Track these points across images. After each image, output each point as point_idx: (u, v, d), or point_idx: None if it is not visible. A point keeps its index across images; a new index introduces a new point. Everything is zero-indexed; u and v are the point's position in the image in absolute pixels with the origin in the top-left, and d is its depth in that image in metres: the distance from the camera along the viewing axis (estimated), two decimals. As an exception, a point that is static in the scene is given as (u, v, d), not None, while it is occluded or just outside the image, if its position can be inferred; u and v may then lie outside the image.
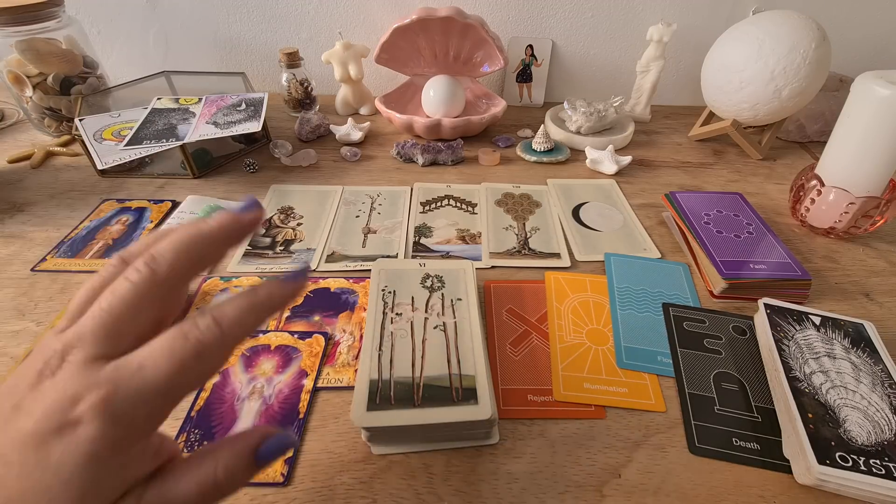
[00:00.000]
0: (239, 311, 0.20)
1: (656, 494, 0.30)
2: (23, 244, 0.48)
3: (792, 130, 0.73)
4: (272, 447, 0.19)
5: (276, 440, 0.20)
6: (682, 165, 0.67)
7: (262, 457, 0.19)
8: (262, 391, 0.35)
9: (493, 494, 0.30)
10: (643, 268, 0.47)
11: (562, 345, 0.40)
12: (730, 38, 0.63)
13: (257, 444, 0.19)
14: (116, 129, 0.59)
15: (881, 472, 0.29)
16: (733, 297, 0.44)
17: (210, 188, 0.58)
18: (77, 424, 0.17)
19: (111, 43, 0.78)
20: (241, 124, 0.58)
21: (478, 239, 0.51)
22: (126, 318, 0.19)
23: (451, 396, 0.32)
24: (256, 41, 0.79)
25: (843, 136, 0.50)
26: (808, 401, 0.33)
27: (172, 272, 0.20)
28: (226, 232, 0.21)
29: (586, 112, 0.67)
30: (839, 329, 0.39)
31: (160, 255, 0.20)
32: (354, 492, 0.30)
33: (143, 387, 0.18)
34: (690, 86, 0.82)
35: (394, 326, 0.36)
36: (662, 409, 0.35)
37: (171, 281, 0.20)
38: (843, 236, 0.53)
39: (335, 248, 0.49)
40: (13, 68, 0.61)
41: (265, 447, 0.19)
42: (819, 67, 0.58)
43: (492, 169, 0.64)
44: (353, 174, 0.62)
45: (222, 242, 0.21)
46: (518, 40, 0.78)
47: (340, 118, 0.75)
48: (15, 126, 0.70)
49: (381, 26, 0.77)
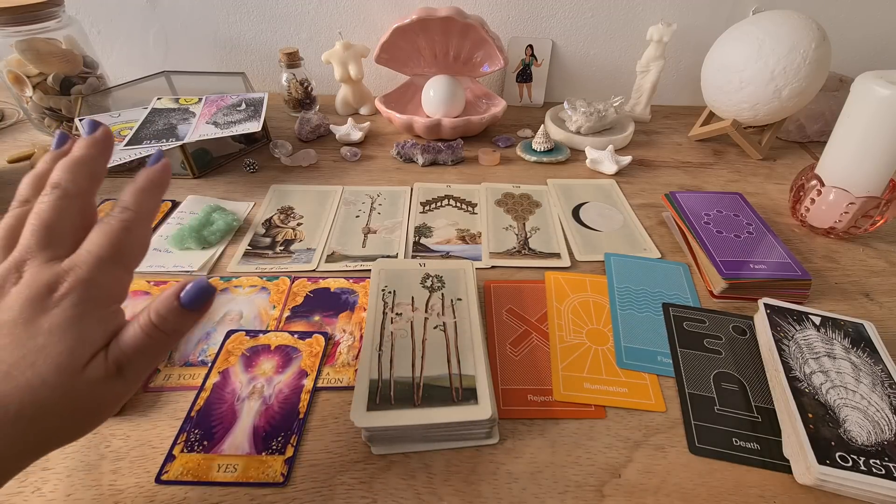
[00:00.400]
0: (136, 193, 0.25)
1: (656, 494, 0.30)
2: (23, 244, 0.48)
3: (792, 130, 0.73)
4: (192, 289, 0.24)
5: (194, 284, 0.24)
6: (682, 165, 0.67)
7: (185, 297, 0.24)
8: (262, 391, 0.35)
9: (493, 494, 0.30)
10: (643, 268, 0.47)
11: (562, 345, 0.40)
12: (730, 38, 0.63)
13: (180, 290, 0.24)
14: (116, 129, 0.59)
15: (881, 472, 0.29)
16: (733, 297, 0.44)
17: (210, 188, 0.58)
18: (60, 299, 0.22)
19: (111, 43, 0.78)
20: (241, 124, 0.58)
21: (478, 239, 0.51)
22: (57, 225, 0.23)
23: (451, 396, 0.32)
24: (256, 41, 0.79)
25: (843, 136, 0.50)
26: (808, 401, 0.33)
27: (75, 185, 0.24)
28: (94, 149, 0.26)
29: (586, 112, 0.67)
30: (839, 329, 0.39)
31: (59, 177, 0.24)
32: (354, 492, 0.30)
33: (98, 260, 0.23)
34: (690, 86, 0.82)
35: (394, 326, 0.36)
36: (662, 409, 0.35)
37: (78, 191, 0.24)
38: (843, 236, 0.53)
39: (335, 248, 0.49)
40: (13, 68, 0.61)
41: (186, 290, 0.24)
42: (819, 67, 0.58)
43: (492, 169, 0.64)
44: (353, 174, 0.62)
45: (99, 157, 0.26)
46: (518, 40, 0.78)
47: (340, 118, 0.75)
48: (15, 126, 0.70)
49: (381, 26, 0.77)
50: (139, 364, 0.23)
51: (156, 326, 0.23)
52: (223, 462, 0.31)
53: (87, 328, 0.22)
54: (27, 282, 0.22)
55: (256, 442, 0.32)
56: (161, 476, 0.30)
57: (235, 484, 0.30)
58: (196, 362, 0.37)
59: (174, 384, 0.36)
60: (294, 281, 0.45)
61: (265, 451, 0.31)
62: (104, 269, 0.23)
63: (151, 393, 0.35)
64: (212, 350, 0.38)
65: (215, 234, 0.49)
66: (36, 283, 0.22)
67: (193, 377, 0.36)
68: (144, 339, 0.23)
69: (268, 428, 0.33)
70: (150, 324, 0.23)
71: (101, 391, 0.22)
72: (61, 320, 0.21)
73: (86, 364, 0.22)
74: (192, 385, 0.36)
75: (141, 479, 0.30)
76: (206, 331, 0.40)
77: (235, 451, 0.31)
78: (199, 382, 0.36)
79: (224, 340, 0.39)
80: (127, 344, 0.23)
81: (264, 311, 0.42)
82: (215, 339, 0.39)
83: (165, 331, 0.23)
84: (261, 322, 0.41)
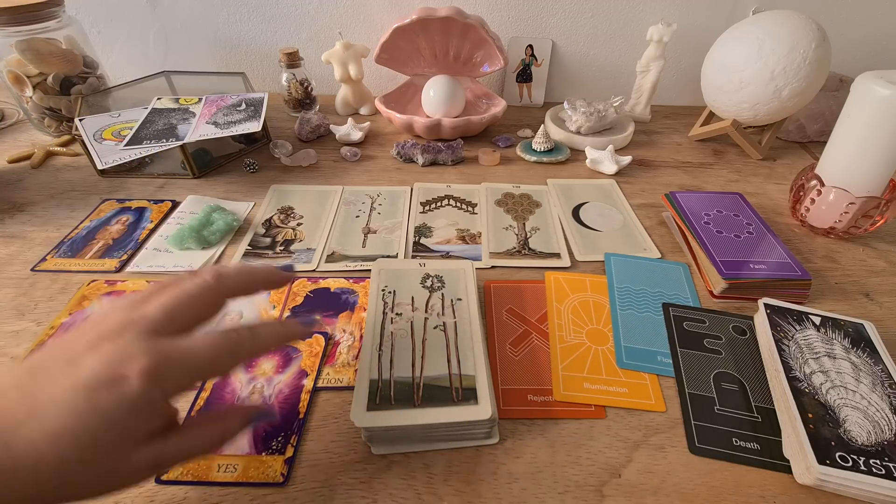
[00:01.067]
0: (270, 333, 0.26)
1: (656, 494, 0.30)
2: (23, 244, 0.48)
3: (792, 130, 0.73)
4: (264, 415, 0.27)
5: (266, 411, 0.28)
6: (682, 165, 0.67)
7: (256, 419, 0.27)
8: (262, 391, 0.35)
9: (493, 494, 0.30)
10: (643, 268, 0.47)
11: (562, 345, 0.40)
12: (730, 38, 0.63)
13: (256, 415, 0.27)
14: (116, 129, 0.59)
15: (881, 472, 0.29)
16: (733, 297, 0.44)
17: (210, 188, 0.58)
18: (127, 379, 0.21)
19: (111, 43, 0.78)
20: (241, 124, 0.58)
21: (478, 239, 0.51)
22: (185, 310, 0.25)
23: (451, 396, 0.32)
24: (256, 41, 0.79)
25: (843, 136, 0.50)
26: (808, 401, 0.33)
27: (228, 288, 0.26)
28: (268, 279, 0.29)
29: (586, 112, 0.67)
30: (839, 329, 0.39)
31: (225, 273, 0.26)
32: (354, 492, 0.30)
33: (184, 362, 0.23)
34: (690, 86, 0.82)
35: (394, 326, 0.36)
36: (662, 409, 0.35)
37: (225, 294, 0.26)
38: (843, 236, 0.53)
39: (335, 248, 0.49)
40: (13, 68, 0.61)
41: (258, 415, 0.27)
42: (819, 67, 0.58)
43: (492, 169, 0.64)
44: (353, 174, 0.62)
45: (263, 284, 0.29)
46: (518, 40, 0.78)
47: (340, 118, 0.75)
48: (15, 126, 0.70)
49: (381, 26, 0.77)
50: (179, 462, 0.25)
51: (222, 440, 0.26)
52: (223, 462, 0.31)
53: (135, 424, 0.22)
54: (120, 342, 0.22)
55: (256, 442, 0.32)
56: (161, 476, 0.30)
57: (235, 484, 0.30)
58: (196, 362, 0.37)
59: (174, 384, 0.36)
60: (294, 281, 0.45)
61: (265, 451, 0.31)
62: (184, 372, 0.23)
63: (151, 393, 0.35)
64: (212, 350, 0.38)
65: (215, 234, 0.49)
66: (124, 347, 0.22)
67: (193, 377, 0.36)
68: (203, 448, 0.25)
69: (268, 428, 0.33)
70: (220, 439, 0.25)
71: (133, 478, 0.23)
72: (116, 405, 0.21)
73: (133, 451, 0.22)
74: (192, 385, 0.36)
75: (141, 479, 0.30)
76: (205, 331, 0.40)
77: (235, 451, 0.31)
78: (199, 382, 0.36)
79: (224, 340, 0.39)
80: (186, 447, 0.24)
81: (264, 311, 0.42)
82: (215, 339, 0.39)
83: (223, 444, 0.26)
84: (261, 322, 0.41)
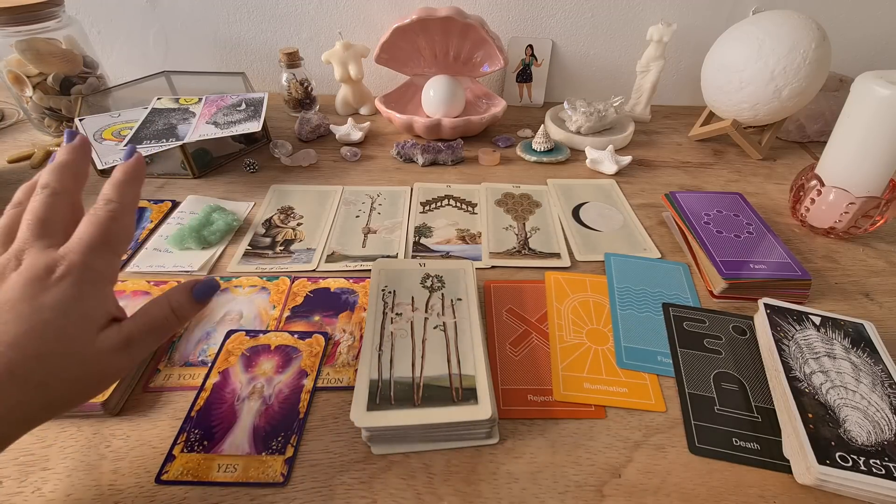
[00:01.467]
0: (116, 185, 0.28)
1: (656, 494, 0.30)
2: (23, 244, 0.48)
3: (792, 130, 0.73)
4: (203, 286, 0.29)
5: (204, 281, 0.30)
6: (682, 165, 0.67)
7: (197, 292, 0.29)
8: (262, 391, 0.35)
9: (493, 494, 0.30)
10: (643, 268, 0.47)
11: (562, 345, 0.40)
12: (730, 38, 0.63)
13: (194, 283, 0.29)
14: (116, 129, 0.59)
15: (881, 472, 0.29)
16: (733, 297, 0.44)
17: (210, 188, 0.58)
18: (59, 280, 0.24)
19: (111, 43, 0.78)
20: (241, 124, 0.58)
21: (478, 239, 0.51)
22: (50, 218, 0.26)
23: (451, 396, 0.32)
24: (256, 41, 0.79)
25: (843, 136, 0.50)
26: (808, 401, 0.33)
27: (62, 184, 0.27)
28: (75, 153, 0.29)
29: (586, 112, 0.67)
30: (839, 329, 0.39)
31: (47, 179, 0.27)
32: (354, 492, 0.30)
33: (90, 244, 0.25)
34: (690, 86, 0.82)
35: (394, 326, 0.36)
36: (662, 409, 0.35)
37: (64, 189, 0.27)
38: (843, 236, 0.53)
39: (335, 248, 0.49)
40: (13, 68, 0.61)
41: (198, 287, 0.29)
42: (819, 67, 0.58)
43: (492, 169, 0.64)
44: (353, 174, 0.62)
45: (80, 160, 0.29)
46: (518, 40, 0.78)
47: (340, 118, 0.75)
48: (15, 126, 0.70)
49: (381, 26, 0.77)
50: (146, 341, 0.27)
51: (172, 310, 0.28)
52: (223, 462, 0.31)
53: (89, 304, 0.25)
54: (27, 266, 0.24)
55: (256, 442, 0.32)
56: (161, 476, 0.30)
57: (235, 484, 0.30)
58: (196, 362, 0.37)
59: (174, 384, 0.36)
60: (294, 281, 0.45)
61: (265, 451, 0.31)
62: (96, 254, 0.26)
63: (151, 393, 0.35)
64: (212, 350, 0.38)
65: (215, 234, 0.49)
66: (35, 267, 0.24)
67: (193, 377, 0.36)
68: (158, 320, 0.27)
69: (268, 428, 0.33)
70: (168, 306, 0.27)
71: (108, 361, 0.25)
72: (64, 297, 0.24)
73: (96, 335, 0.25)
74: (192, 385, 0.36)
75: (141, 479, 0.30)
76: (205, 331, 0.40)
77: (235, 451, 0.31)
78: (199, 382, 0.36)
79: (224, 340, 0.39)
80: (142, 321, 0.27)
81: (264, 311, 0.42)
82: (215, 339, 0.39)
83: (178, 315, 0.28)
84: (261, 322, 0.41)
